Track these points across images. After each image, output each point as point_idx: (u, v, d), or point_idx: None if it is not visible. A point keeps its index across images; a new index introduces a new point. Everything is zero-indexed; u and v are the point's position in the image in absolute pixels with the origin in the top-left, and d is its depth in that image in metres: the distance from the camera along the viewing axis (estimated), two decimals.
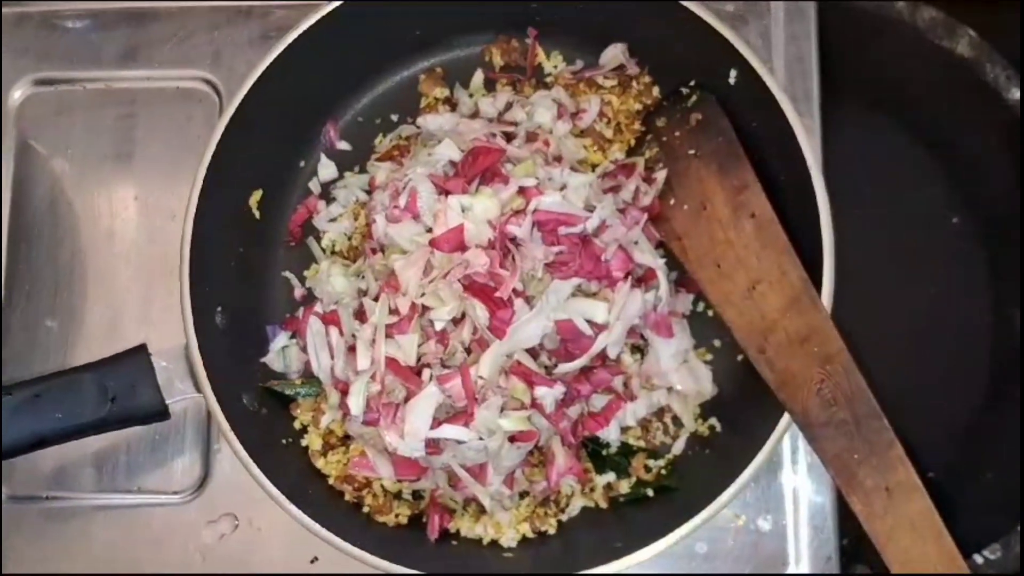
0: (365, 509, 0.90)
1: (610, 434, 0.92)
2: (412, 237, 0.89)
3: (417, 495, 0.92)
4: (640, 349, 0.94)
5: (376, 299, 0.89)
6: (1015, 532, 1.04)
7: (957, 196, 1.22)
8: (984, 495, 1.14)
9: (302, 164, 1.02)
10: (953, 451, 1.18)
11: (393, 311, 0.87)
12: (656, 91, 0.99)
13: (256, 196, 0.97)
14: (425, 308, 0.86)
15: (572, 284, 0.87)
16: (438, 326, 0.86)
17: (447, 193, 0.89)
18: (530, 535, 0.90)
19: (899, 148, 1.23)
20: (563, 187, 0.90)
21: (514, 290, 0.85)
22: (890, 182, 1.23)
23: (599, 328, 0.88)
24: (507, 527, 0.89)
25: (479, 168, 0.90)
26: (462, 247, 0.87)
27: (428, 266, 0.87)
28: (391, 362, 0.85)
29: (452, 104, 1.02)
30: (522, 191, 0.88)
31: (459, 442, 0.84)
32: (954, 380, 1.20)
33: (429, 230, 0.89)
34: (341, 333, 0.91)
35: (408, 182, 0.91)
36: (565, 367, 0.88)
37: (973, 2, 1.15)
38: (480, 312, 0.85)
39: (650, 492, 0.92)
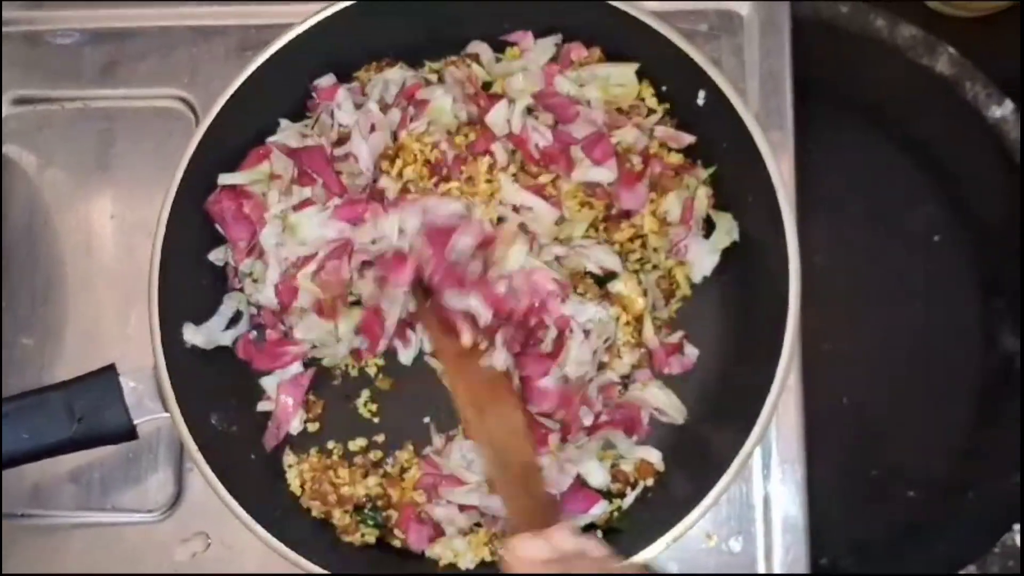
0: (333, 523, 0.91)
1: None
2: None
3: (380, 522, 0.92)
4: None
5: None
6: (991, 553, 1.03)
7: (940, 214, 1.21)
8: (965, 515, 1.13)
9: None
10: (937, 470, 1.17)
11: None
12: None
13: None
14: None
15: None
16: None
17: None
18: (489, 558, 0.90)
19: (880, 166, 1.22)
20: None
21: None
22: (872, 200, 1.22)
23: None
24: (466, 551, 0.89)
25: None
26: None
27: None
28: None
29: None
30: None
31: None
32: (940, 399, 1.19)
33: None
34: None
35: None
36: None
37: (953, 20, 1.15)
38: None
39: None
